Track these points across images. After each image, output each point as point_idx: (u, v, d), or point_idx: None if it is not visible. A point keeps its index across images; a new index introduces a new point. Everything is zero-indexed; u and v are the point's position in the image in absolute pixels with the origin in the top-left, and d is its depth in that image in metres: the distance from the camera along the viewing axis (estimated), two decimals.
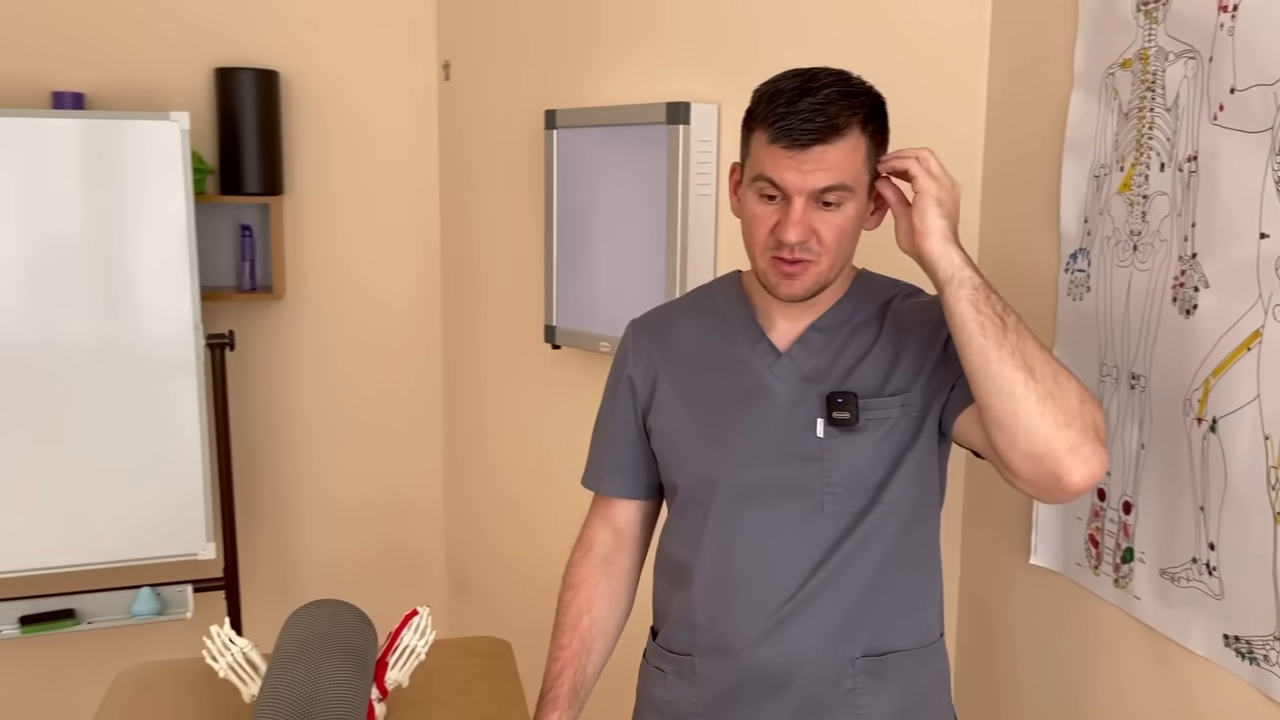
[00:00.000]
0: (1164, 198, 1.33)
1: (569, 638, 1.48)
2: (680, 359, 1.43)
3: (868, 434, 1.31)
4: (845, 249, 1.29)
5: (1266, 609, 1.17)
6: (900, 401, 1.31)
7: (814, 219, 1.23)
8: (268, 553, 3.01)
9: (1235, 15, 1.19)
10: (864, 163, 1.25)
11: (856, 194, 1.25)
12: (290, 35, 2.86)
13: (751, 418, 1.35)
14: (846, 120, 1.21)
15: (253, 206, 2.87)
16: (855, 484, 1.31)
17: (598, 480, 1.53)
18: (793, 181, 1.22)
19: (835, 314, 1.36)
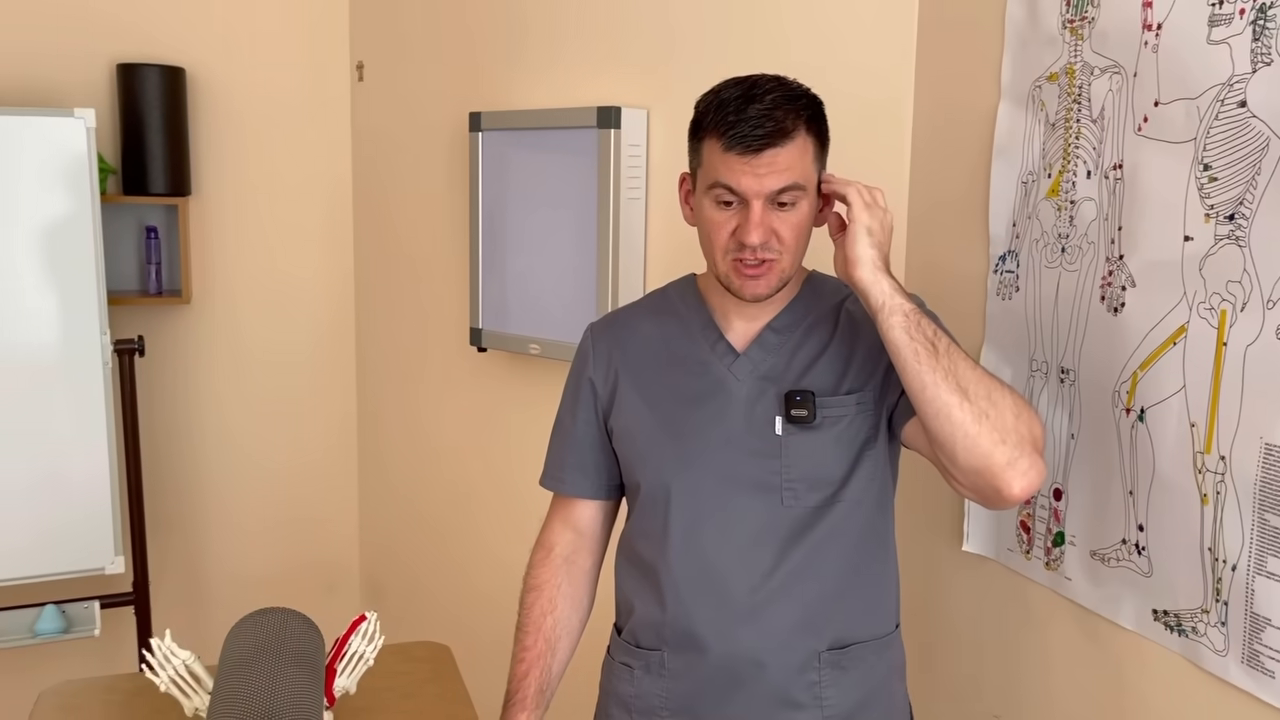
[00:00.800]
0: (1091, 203, 1.42)
1: (533, 638, 1.50)
2: (640, 360, 1.46)
3: (825, 431, 1.35)
4: (803, 245, 1.34)
5: (1194, 583, 1.26)
6: (855, 400, 1.36)
7: (772, 219, 1.28)
8: (178, 566, 2.91)
9: (1159, 34, 1.28)
10: (812, 162, 1.31)
11: (808, 192, 1.30)
12: (198, 31, 2.77)
13: (711, 416, 1.39)
14: (793, 123, 1.27)
15: (158, 208, 2.78)
16: (814, 480, 1.35)
17: (560, 481, 1.54)
18: (749, 186, 1.26)
19: (790, 314, 1.41)
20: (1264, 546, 1.16)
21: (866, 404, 1.37)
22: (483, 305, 2.47)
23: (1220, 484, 1.21)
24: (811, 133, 1.30)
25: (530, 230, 2.36)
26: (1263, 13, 1.14)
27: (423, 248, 2.76)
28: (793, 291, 1.42)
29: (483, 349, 2.49)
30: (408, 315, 2.85)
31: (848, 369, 1.38)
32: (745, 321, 1.41)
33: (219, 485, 2.95)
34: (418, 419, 2.86)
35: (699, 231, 1.36)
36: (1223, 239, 1.20)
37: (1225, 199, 1.20)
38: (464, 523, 2.74)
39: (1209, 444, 1.23)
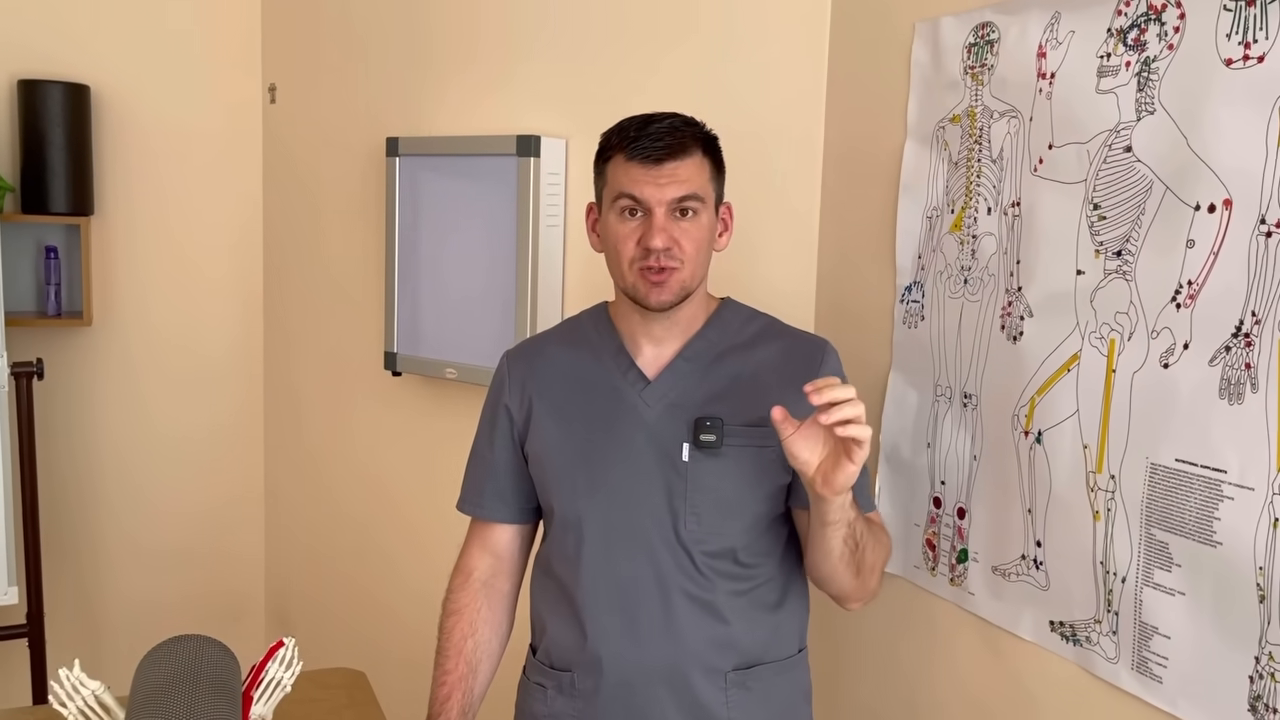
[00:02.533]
0: (991, 238, 1.51)
1: (454, 661, 1.51)
2: (554, 387, 1.49)
3: (731, 458, 1.39)
4: (703, 259, 1.40)
5: (1088, 596, 1.35)
6: (762, 434, 1.37)
7: (674, 229, 1.35)
8: (75, 597, 2.81)
9: (1052, 82, 1.38)
10: (709, 180, 1.39)
11: (707, 206, 1.38)
12: (103, 49, 2.72)
13: (622, 442, 1.42)
14: (690, 141, 1.37)
15: (58, 227, 2.70)
16: (720, 507, 1.39)
17: (478, 506, 1.56)
18: (652, 194, 1.34)
19: (700, 341, 1.45)
20: (1150, 560, 1.25)
21: (775, 442, 1.33)
22: (398, 329, 2.46)
23: (1111, 501, 1.30)
24: (707, 156, 1.40)
25: (447, 255, 2.37)
26: (1147, 65, 1.24)
27: (336, 271, 2.74)
28: (702, 318, 1.46)
29: (397, 373, 2.49)
30: (319, 339, 2.82)
31: (759, 402, 1.38)
32: (656, 348, 1.45)
33: (119, 513, 2.86)
34: (328, 444, 2.83)
35: (606, 251, 1.42)
36: (1111, 273, 1.30)
37: (1113, 236, 1.29)
38: (375, 548, 2.72)
39: (1100, 464, 1.31)
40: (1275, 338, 1.10)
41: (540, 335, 1.61)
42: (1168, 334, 1.22)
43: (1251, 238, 1.12)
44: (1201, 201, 1.18)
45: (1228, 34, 1.15)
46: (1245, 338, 1.13)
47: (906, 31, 1.67)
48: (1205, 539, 1.18)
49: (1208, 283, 1.17)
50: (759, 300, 1.89)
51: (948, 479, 1.60)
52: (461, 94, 2.40)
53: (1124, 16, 1.27)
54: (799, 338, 1.49)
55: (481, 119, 2.35)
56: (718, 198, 1.42)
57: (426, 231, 2.40)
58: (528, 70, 2.27)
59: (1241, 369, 1.13)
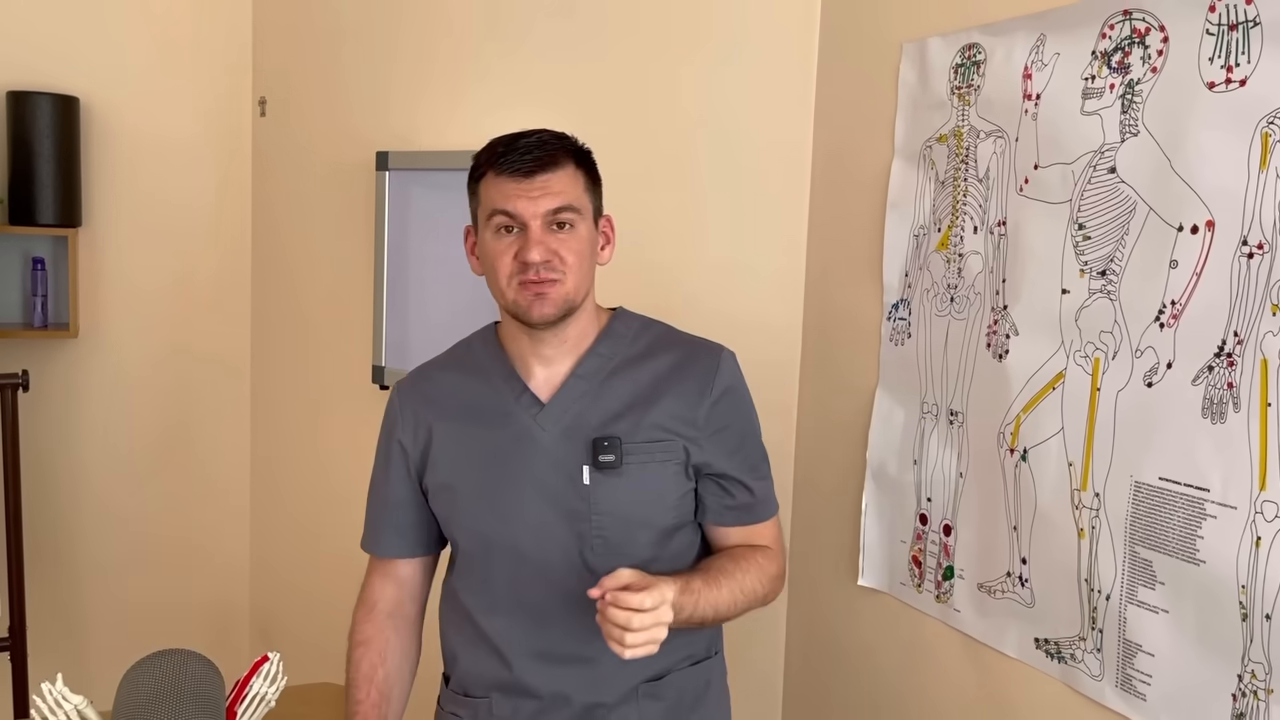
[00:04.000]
0: (977, 256, 1.52)
1: (365, 691, 1.48)
2: (447, 416, 1.45)
3: (632, 476, 1.36)
4: (586, 271, 1.36)
5: (1072, 613, 1.35)
6: (661, 448, 1.36)
7: (552, 241, 1.31)
8: (59, 611, 2.79)
9: (1038, 103, 1.40)
10: (584, 192, 1.36)
11: (584, 217, 1.35)
12: (93, 61, 2.72)
13: (520, 469, 1.39)
14: (561, 154, 1.34)
15: (46, 238, 2.69)
16: (623, 525, 1.37)
17: (377, 544, 1.56)
18: (525, 208, 1.30)
19: (593, 358, 1.41)
20: (1134, 577, 1.26)
21: (675, 454, 1.38)
22: (386, 343, 2.46)
23: (1095, 519, 1.31)
24: (581, 168, 1.36)
25: (436, 269, 2.37)
26: (1131, 88, 1.26)
27: (324, 285, 2.74)
28: (593, 333, 1.42)
29: (385, 387, 2.48)
30: (307, 352, 2.82)
31: (654, 416, 1.37)
32: (547, 368, 1.40)
33: (104, 526, 2.84)
34: (315, 457, 2.82)
35: (486, 272, 1.38)
36: (1096, 292, 1.31)
37: (1098, 256, 1.31)
38: (360, 563, 2.70)
39: (1085, 482, 1.32)
40: (1257, 358, 1.11)
41: (430, 363, 1.55)
42: (1151, 353, 1.23)
43: (1234, 259, 1.14)
44: (1185, 222, 1.19)
45: (1210, 57, 1.16)
46: (1228, 357, 1.14)
47: (894, 52, 1.69)
48: (1188, 557, 1.18)
49: (1191, 303, 1.19)
50: (746, 319, 1.91)
51: (934, 496, 1.61)
52: (451, 108, 2.40)
53: (1108, 40, 1.29)
54: (695, 346, 1.44)
55: (471, 133, 2.36)
56: (596, 210, 1.39)
57: (415, 245, 2.40)
58: (517, 85, 2.28)
59: (1224, 388, 1.15)
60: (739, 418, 1.42)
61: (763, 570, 1.40)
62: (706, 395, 1.38)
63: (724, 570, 1.36)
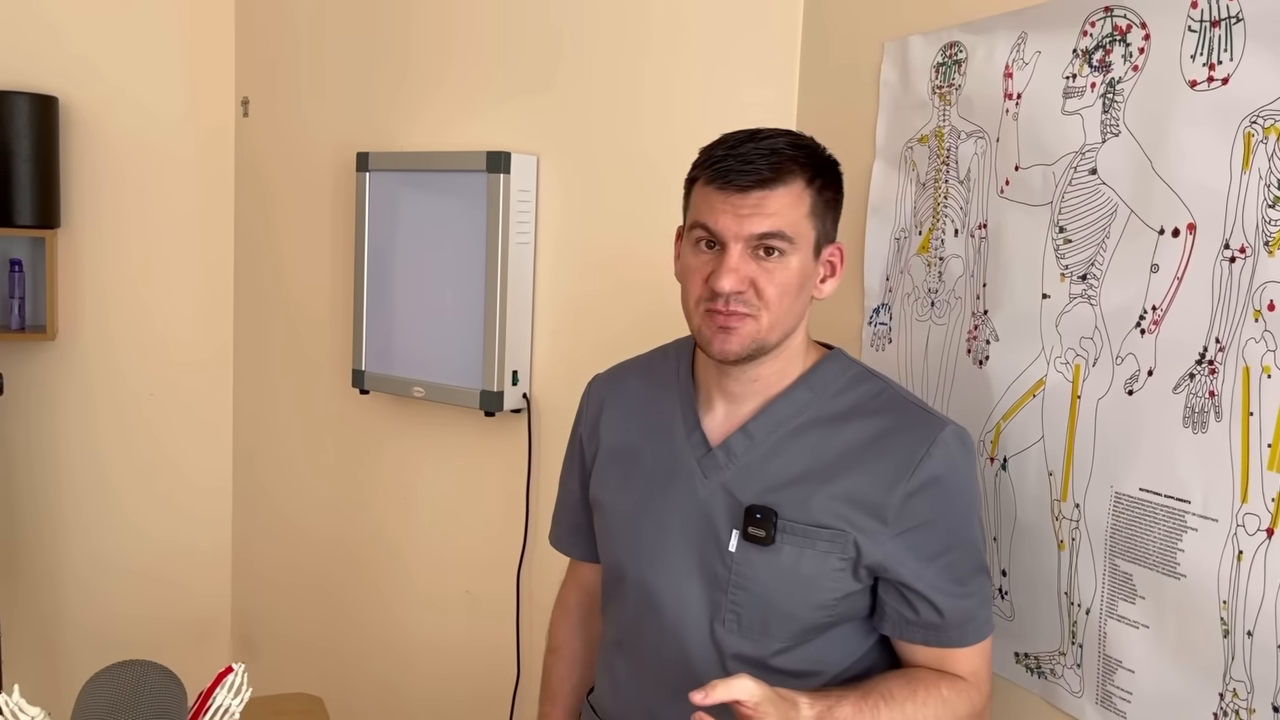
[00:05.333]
0: (958, 260, 1.48)
1: (550, 705, 1.47)
2: (623, 426, 1.34)
3: (783, 557, 1.18)
4: (788, 309, 1.17)
5: (1052, 627, 1.32)
6: (827, 535, 1.17)
7: (752, 270, 1.15)
8: (34, 618, 2.75)
9: (1019, 103, 1.36)
10: (807, 217, 1.16)
11: (799, 247, 1.16)
12: (72, 60, 2.68)
13: (671, 511, 1.25)
14: (790, 168, 1.15)
15: (24, 240, 2.66)
16: (762, 608, 1.19)
17: (559, 540, 1.50)
18: (728, 226, 1.14)
19: (773, 414, 1.22)
20: (1114, 591, 1.22)
21: (842, 547, 1.17)
22: (367, 347, 2.43)
23: (1075, 531, 1.27)
24: (813, 187, 1.17)
25: (417, 272, 2.34)
26: (1112, 87, 1.22)
27: (306, 287, 2.70)
28: (792, 375, 1.24)
29: (365, 391, 2.45)
30: (288, 356, 2.78)
31: (830, 494, 1.18)
32: (729, 406, 1.25)
33: (81, 532, 2.81)
34: (295, 461, 2.78)
35: (681, 285, 1.23)
36: (1076, 297, 1.27)
37: (1079, 259, 1.27)
38: (342, 570, 2.67)
39: (1065, 492, 1.29)
40: (1239, 365, 1.07)
41: (628, 362, 1.42)
42: (1132, 360, 1.20)
43: (1215, 263, 1.10)
44: (1165, 225, 1.15)
45: (1192, 55, 1.13)
46: (1209, 365, 1.11)
47: (876, 51, 1.65)
48: (1169, 571, 1.15)
49: (1172, 308, 1.15)
50: None
51: None
52: (433, 109, 2.37)
53: (1089, 37, 1.26)
54: (908, 416, 1.21)
55: (453, 135, 2.33)
56: (824, 236, 1.19)
57: (396, 248, 2.37)
58: (499, 86, 2.24)
59: (1205, 397, 1.11)
60: (946, 518, 1.18)
61: (947, 706, 1.16)
62: (903, 482, 1.16)
63: (891, 697, 1.15)
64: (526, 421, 2.21)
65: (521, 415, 2.22)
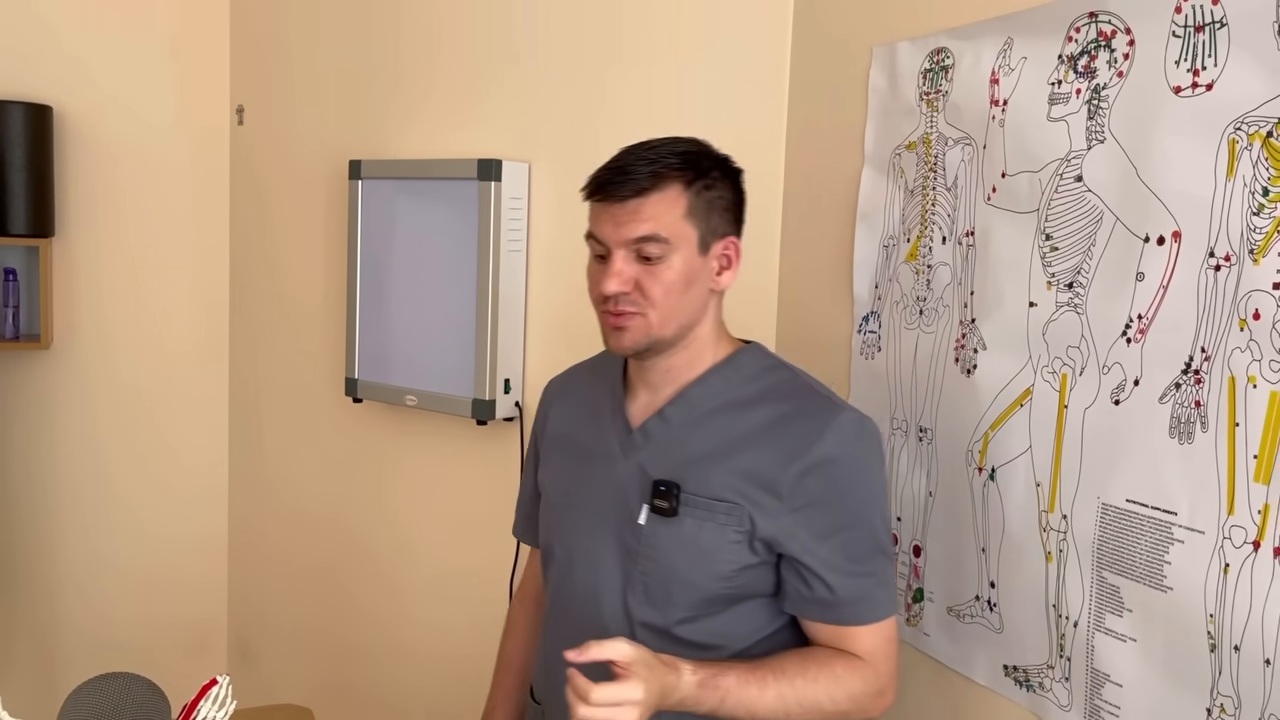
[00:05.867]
0: (946, 268, 1.47)
1: (503, 675, 1.55)
2: (566, 420, 1.44)
3: (685, 530, 1.24)
4: (675, 305, 1.23)
5: (1040, 640, 1.30)
6: (725, 509, 1.22)
7: (636, 272, 1.22)
8: (29, 627, 2.75)
9: (1005, 109, 1.35)
10: (684, 218, 1.22)
11: (677, 247, 1.22)
12: (67, 69, 2.68)
13: (594, 490, 1.33)
14: (663, 174, 1.21)
15: (18, 249, 2.66)
16: (667, 578, 1.25)
17: (518, 529, 1.59)
18: (609, 234, 1.23)
19: (694, 393, 1.29)
20: (1102, 604, 1.20)
21: (738, 520, 1.22)
22: (359, 355, 2.42)
23: (1062, 542, 1.25)
24: (692, 189, 1.23)
25: (409, 280, 2.33)
26: (1097, 93, 1.21)
27: (300, 296, 2.70)
28: (704, 365, 1.30)
29: (358, 399, 2.44)
30: (282, 364, 2.78)
31: (730, 470, 1.23)
32: (649, 394, 1.32)
33: (77, 541, 2.80)
34: (290, 470, 2.77)
35: None
36: (1063, 305, 1.26)
37: (1065, 267, 1.26)
38: (336, 577, 2.66)
39: (1052, 503, 1.27)
40: (1225, 375, 1.06)
41: (581, 363, 1.51)
42: (1119, 369, 1.18)
43: (1200, 271, 1.08)
44: (1151, 233, 1.14)
45: (1176, 60, 1.11)
46: (1195, 374, 1.09)
47: (865, 56, 1.64)
48: (1156, 583, 1.13)
49: (1158, 317, 1.13)
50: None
51: (904, 515, 1.56)
52: (425, 117, 2.36)
53: (1074, 43, 1.24)
54: (810, 402, 1.26)
55: (444, 142, 2.32)
56: (708, 234, 1.24)
57: (389, 256, 2.36)
58: (490, 95, 2.23)
59: (1191, 407, 1.09)
60: (839, 498, 1.22)
61: (839, 683, 1.20)
62: (797, 461, 1.21)
63: (782, 671, 1.19)
64: (519, 430, 2.20)
65: (514, 423, 2.21)
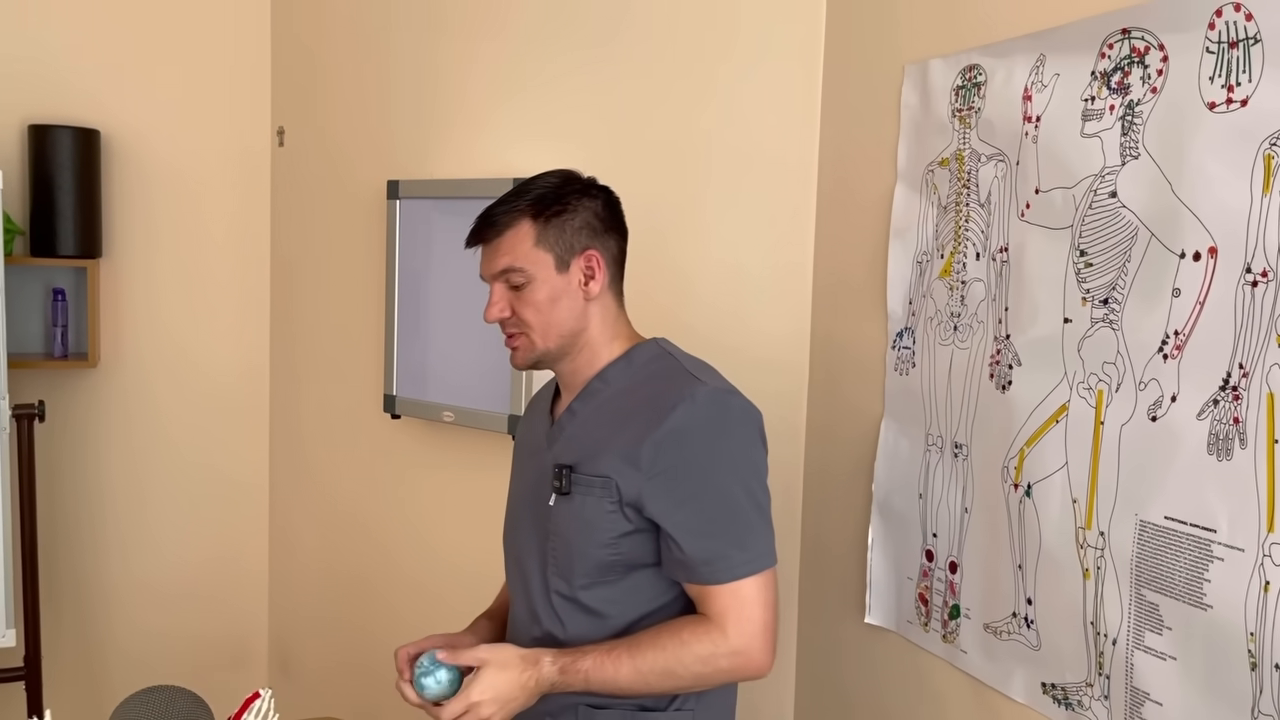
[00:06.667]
0: (980, 284, 1.47)
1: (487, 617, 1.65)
2: (526, 428, 1.60)
3: (574, 505, 1.38)
4: (548, 320, 1.40)
5: (1079, 657, 1.29)
6: (600, 482, 1.36)
7: (510, 299, 1.41)
8: (74, 640, 2.80)
9: (1038, 125, 1.35)
10: (534, 247, 1.39)
11: (535, 273, 1.39)
12: (113, 93, 2.75)
13: (527, 482, 1.51)
14: (508, 216, 1.40)
15: (67, 270, 2.72)
16: (567, 550, 1.40)
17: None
18: (483, 271, 1.44)
19: (594, 388, 1.44)
20: (1141, 621, 1.19)
21: (609, 490, 1.35)
22: (398, 372, 2.45)
23: (1100, 559, 1.25)
24: (537, 222, 1.39)
25: (446, 298, 2.36)
26: (1131, 109, 1.21)
27: (339, 314, 2.74)
28: (597, 366, 1.44)
29: (396, 416, 2.47)
30: (323, 381, 2.82)
31: (608, 448, 1.36)
32: (568, 395, 1.49)
33: (121, 556, 2.85)
34: (330, 486, 2.81)
35: None
36: (1098, 321, 1.26)
37: (1100, 283, 1.25)
38: (376, 591, 2.69)
39: (1089, 520, 1.26)
40: (1264, 391, 1.05)
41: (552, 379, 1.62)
42: (1155, 385, 1.18)
43: (1237, 287, 1.08)
44: (1187, 249, 1.14)
45: (1210, 76, 1.11)
46: (1233, 391, 1.08)
47: (897, 74, 1.65)
48: (1195, 601, 1.12)
49: (1194, 333, 1.13)
50: (752, 349, 1.87)
51: (939, 531, 1.55)
52: (462, 137, 2.40)
53: (1108, 59, 1.24)
54: (673, 382, 1.38)
55: (481, 161, 2.35)
56: (564, 253, 1.39)
57: (426, 274, 2.39)
58: (526, 113, 2.26)
59: (1229, 423, 1.09)
60: (690, 465, 1.32)
61: (685, 647, 1.30)
62: (653, 432, 1.32)
63: (636, 645, 1.33)
64: None
65: None
